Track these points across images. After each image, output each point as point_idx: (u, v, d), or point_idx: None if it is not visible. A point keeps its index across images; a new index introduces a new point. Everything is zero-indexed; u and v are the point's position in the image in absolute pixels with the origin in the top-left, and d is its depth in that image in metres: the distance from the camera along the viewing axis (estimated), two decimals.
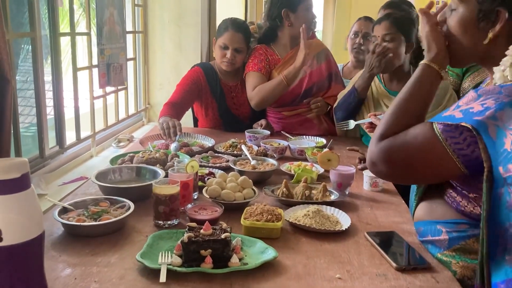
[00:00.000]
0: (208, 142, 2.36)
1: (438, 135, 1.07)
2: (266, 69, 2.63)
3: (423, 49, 1.27)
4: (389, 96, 2.34)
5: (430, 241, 1.26)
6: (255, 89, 2.56)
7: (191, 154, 2.11)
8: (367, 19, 2.93)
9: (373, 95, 2.38)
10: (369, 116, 2.00)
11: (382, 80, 2.39)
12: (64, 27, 5.25)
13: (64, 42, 2.59)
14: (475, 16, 1.13)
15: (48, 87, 2.17)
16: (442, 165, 1.08)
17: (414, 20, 2.36)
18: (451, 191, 1.19)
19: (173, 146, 2.14)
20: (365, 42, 2.84)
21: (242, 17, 5.50)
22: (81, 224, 1.33)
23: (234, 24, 2.57)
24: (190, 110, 2.80)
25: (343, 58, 3.41)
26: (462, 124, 1.02)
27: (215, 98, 2.66)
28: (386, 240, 1.35)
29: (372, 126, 2.01)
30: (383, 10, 2.71)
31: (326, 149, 2.10)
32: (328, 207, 1.55)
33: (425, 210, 1.30)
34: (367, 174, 1.82)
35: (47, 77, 2.09)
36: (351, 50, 2.99)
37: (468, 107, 1.04)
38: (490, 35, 1.11)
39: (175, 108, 2.46)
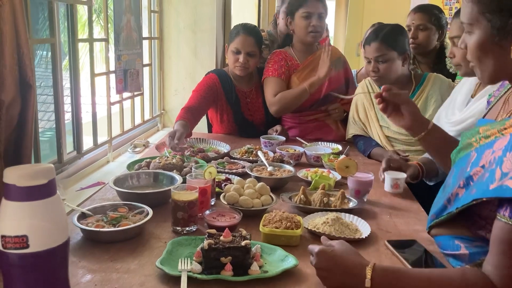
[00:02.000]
0: (224, 148, 2.35)
1: (509, 222, 0.95)
2: (286, 74, 2.62)
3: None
4: None
5: (451, 254, 1.22)
6: (276, 96, 2.55)
7: (207, 159, 2.11)
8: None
9: (375, 106, 2.36)
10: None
11: None
12: (81, 32, 5.32)
13: (82, 48, 2.62)
14: (491, 35, 1.08)
15: (65, 92, 2.19)
16: None
17: (404, 29, 2.28)
18: (478, 218, 1.12)
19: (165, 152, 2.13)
20: None
21: (255, 24, 5.52)
22: (101, 230, 1.33)
23: (245, 29, 2.59)
24: (204, 116, 2.80)
25: (355, 64, 3.42)
26: None
27: (230, 104, 2.66)
28: (408, 249, 1.34)
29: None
30: (413, 14, 2.70)
31: (343, 156, 2.09)
32: (347, 214, 1.54)
33: (442, 225, 1.25)
34: (389, 175, 1.80)
35: (64, 81, 2.11)
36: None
37: None
38: None
39: (191, 113, 2.45)
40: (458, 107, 1.90)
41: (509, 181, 0.94)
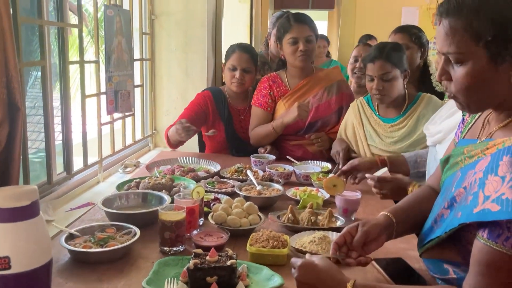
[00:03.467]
0: (214, 167, 2.37)
1: (486, 243, 0.96)
2: (269, 104, 2.64)
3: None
4: (383, 124, 2.35)
5: (440, 278, 1.21)
6: (251, 132, 2.67)
7: (197, 179, 2.12)
8: (365, 44, 3.02)
9: (364, 125, 2.39)
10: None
11: (376, 109, 2.40)
12: (73, 52, 5.34)
13: (73, 68, 2.65)
14: (489, 62, 0.99)
15: (56, 112, 2.21)
16: None
17: (402, 47, 2.33)
18: (464, 241, 1.11)
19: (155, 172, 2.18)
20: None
21: None
22: (88, 250, 1.34)
23: (240, 47, 2.68)
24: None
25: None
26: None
27: (223, 121, 2.69)
28: (393, 267, 1.34)
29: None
30: (394, 35, 2.76)
31: (331, 175, 2.11)
32: (335, 233, 1.54)
33: (432, 248, 1.23)
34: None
35: (55, 103, 2.13)
36: (351, 74, 3.05)
37: (499, 194, 0.93)
38: None
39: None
40: (438, 118, 1.93)
41: (491, 204, 0.95)
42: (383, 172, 1.85)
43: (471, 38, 1.00)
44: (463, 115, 1.32)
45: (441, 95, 2.42)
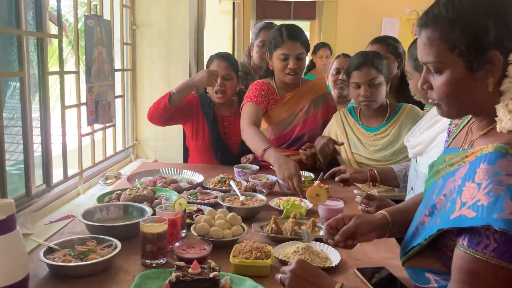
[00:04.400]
0: (197, 178, 2.35)
1: (467, 251, 0.97)
2: (264, 104, 2.56)
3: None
4: (366, 133, 2.37)
5: (421, 287, 1.21)
6: (245, 132, 2.43)
7: (179, 190, 2.10)
8: (345, 56, 3.07)
9: (347, 134, 2.41)
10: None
11: (359, 118, 2.42)
12: (53, 63, 5.28)
13: (53, 79, 2.60)
14: (466, 70, 1.02)
15: (35, 124, 2.17)
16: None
17: (383, 56, 2.38)
18: (445, 249, 1.12)
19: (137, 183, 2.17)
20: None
21: None
22: (67, 264, 1.31)
23: (219, 55, 2.71)
24: (181, 142, 2.82)
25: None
26: (486, 226, 0.92)
27: (207, 121, 2.69)
28: (376, 276, 1.34)
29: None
30: (371, 45, 2.80)
31: (317, 181, 2.09)
32: (318, 243, 1.54)
33: (414, 257, 1.24)
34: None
35: (35, 113, 2.09)
36: (333, 86, 3.08)
37: (475, 201, 0.95)
38: (490, 81, 1.02)
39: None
40: (419, 130, 1.96)
41: (467, 210, 0.96)
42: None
43: (447, 48, 1.03)
44: (449, 125, 1.35)
45: (420, 104, 2.45)
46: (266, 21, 3.49)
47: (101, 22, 2.52)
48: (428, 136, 1.80)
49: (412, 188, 1.99)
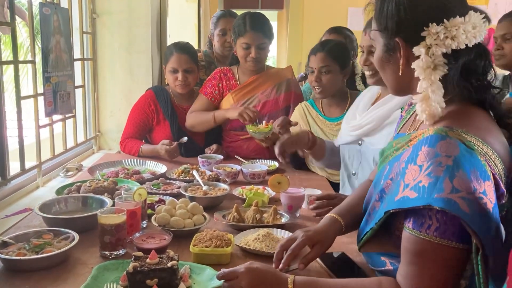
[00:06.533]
0: (160, 168, 2.32)
1: (412, 233, 0.99)
2: (215, 95, 2.66)
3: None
4: (329, 123, 2.39)
5: (379, 271, 1.24)
6: (189, 114, 2.67)
7: (142, 181, 2.07)
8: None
9: (310, 125, 2.42)
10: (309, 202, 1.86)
11: (320, 109, 2.44)
12: (10, 52, 5.10)
13: (9, 70, 2.52)
14: (384, 51, 1.14)
15: None
16: (448, 259, 0.97)
17: (348, 47, 2.44)
18: (398, 232, 1.13)
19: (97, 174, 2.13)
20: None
21: (196, 45, 5.54)
22: (21, 258, 1.27)
23: (177, 47, 2.65)
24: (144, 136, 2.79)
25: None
26: (428, 206, 0.94)
27: (167, 118, 2.68)
28: (336, 262, 1.36)
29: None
30: (328, 34, 2.84)
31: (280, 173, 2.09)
32: (279, 230, 1.55)
33: (370, 242, 1.25)
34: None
35: None
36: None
37: (417, 182, 0.98)
38: (401, 66, 1.11)
39: (136, 139, 2.67)
40: (359, 112, 1.99)
41: (409, 191, 0.99)
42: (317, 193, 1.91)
43: (375, 28, 1.16)
44: (401, 110, 1.37)
45: None
46: (224, 10, 3.43)
47: (58, 10, 2.44)
48: (381, 113, 1.83)
49: (354, 173, 2.01)
